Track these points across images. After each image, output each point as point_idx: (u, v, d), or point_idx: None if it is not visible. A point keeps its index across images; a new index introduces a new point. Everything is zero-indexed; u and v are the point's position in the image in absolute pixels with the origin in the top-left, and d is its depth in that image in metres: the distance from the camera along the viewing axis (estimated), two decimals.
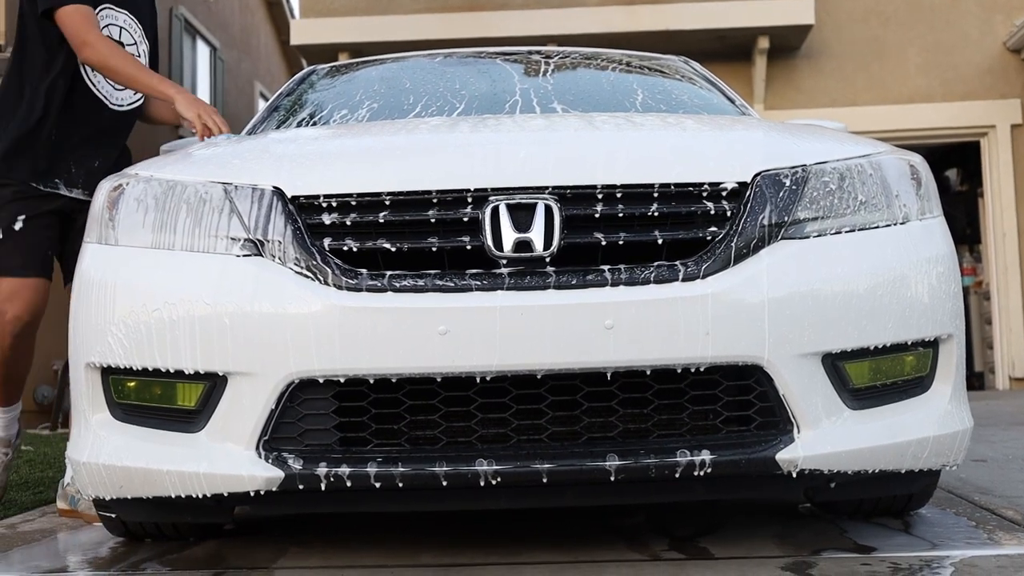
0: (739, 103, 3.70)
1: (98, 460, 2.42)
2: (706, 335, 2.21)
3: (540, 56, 4.04)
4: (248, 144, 2.74)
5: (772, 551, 2.55)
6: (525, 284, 2.23)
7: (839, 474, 2.34)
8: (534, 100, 3.41)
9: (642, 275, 2.24)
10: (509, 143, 2.49)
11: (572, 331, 2.20)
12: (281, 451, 2.26)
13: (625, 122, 2.71)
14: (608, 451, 2.23)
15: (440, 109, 3.39)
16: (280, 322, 2.24)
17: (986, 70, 10.95)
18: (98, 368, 2.42)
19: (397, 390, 2.25)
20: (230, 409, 2.28)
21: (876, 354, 2.37)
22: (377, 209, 2.31)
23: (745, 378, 2.27)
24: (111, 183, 2.58)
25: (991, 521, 2.91)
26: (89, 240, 2.55)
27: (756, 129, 2.68)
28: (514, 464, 2.21)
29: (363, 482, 2.22)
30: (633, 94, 3.57)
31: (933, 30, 11.01)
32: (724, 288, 2.24)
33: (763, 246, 2.31)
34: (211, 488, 2.31)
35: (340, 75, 4.03)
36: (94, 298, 2.43)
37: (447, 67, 3.94)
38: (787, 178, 2.39)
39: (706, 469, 2.22)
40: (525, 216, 2.27)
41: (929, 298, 2.42)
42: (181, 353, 2.30)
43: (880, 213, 2.47)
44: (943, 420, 2.45)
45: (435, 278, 2.24)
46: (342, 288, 2.24)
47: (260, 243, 2.33)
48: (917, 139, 10.81)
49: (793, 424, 2.28)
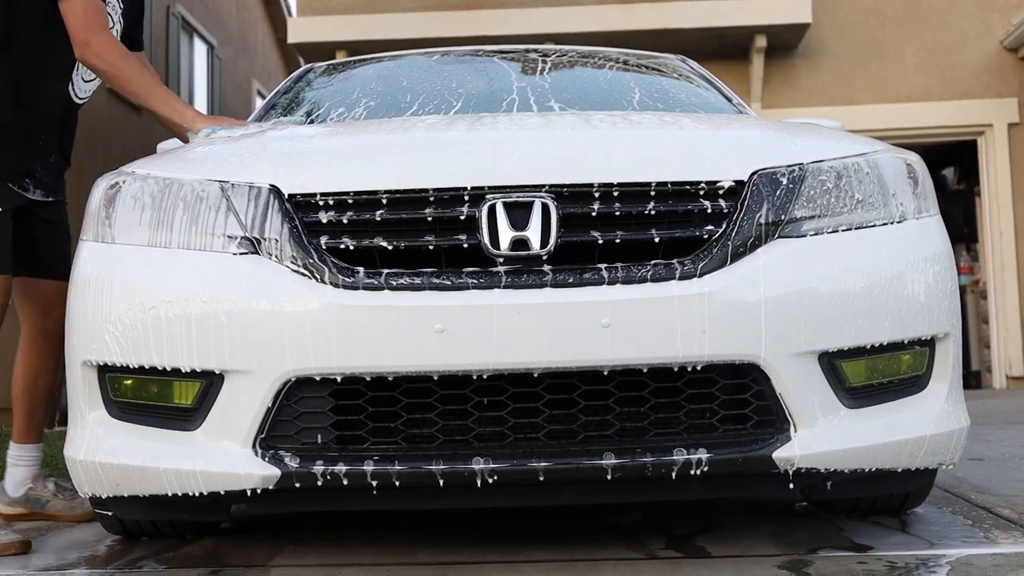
0: (736, 102, 3.70)
1: (95, 458, 2.42)
2: (703, 334, 2.21)
3: (537, 54, 4.04)
4: (245, 142, 2.74)
5: (769, 549, 2.56)
6: (522, 282, 2.23)
7: (836, 473, 2.34)
8: (531, 98, 3.41)
9: (639, 273, 2.24)
10: (506, 141, 2.49)
11: (569, 329, 2.20)
12: (278, 449, 2.26)
13: (622, 121, 2.71)
14: (605, 449, 2.23)
15: (437, 107, 3.39)
16: (277, 320, 2.24)
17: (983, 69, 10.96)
18: (95, 366, 2.42)
19: (394, 388, 2.25)
20: (227, 407, 2.28)
21: (873, 353, 2.37)
22: (374, 207, 2.31)
23: (742, 377, 2.28)
24: (108, 181, 2.58)
25: (987, 520, 2.91)
26: (85, 238, 2.55)
27: (753, 128, 2.68)
28: (511, 462, 2.22)
29: (360, 480, 2.22)
30: (630, 93, 3.57)
31: (931, 29, 11.02)
32: (721, 287, 2.24)
33: (760, 245, 2.31)
34: (208, 486, 2.31)
35: (337, 73, 4.02)
36: (90, 296, 2.42)
37: (444, 65, 3.94)
38: (784, 177, 2.39)
39: (703, 468, 2.22)
40: (522, 214, 2.27)
41: (926, 297, 2.42)
42: (178, 351, 2.30)
43: (877, 212, 2.47)
44: (939, 419, 2.45)
45: (432, 276, 2.24)
46: (339, 286, 2.24)
47: (257, 241, 2.33)
48: (914, 138, 10.81)
49: (790, 423, 2.28)
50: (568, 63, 3.99)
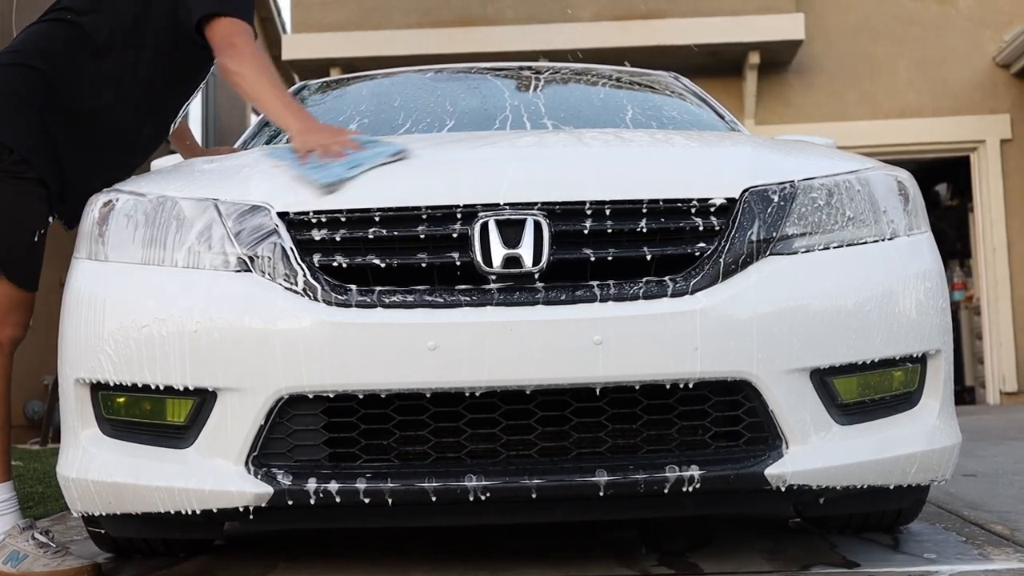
0: (729, 119, 3.72)
1: (87, 476, 2.41)
2: (695, 351, 2.22)
3: (531, 72, 4.05)
4: (238, 160, 2.74)
5: (762, 566, 2.56)
6: (514, 300, 2.24)
7: (828, 489, 2.34)
8: (524, 116, 3.42)
9: (631, 291, 2.25)
10: (499, 159, 2.50)
11: (561, 347, 2.20)
12: (270, 467, 2.26)
13: (614, 138, 2.72)
14: (597, 466, 2.23)
15: (430, 125, 3.40)
16: (269, 338, 2.24)
17: (976, 85, 11.00)
18: (87, 384, 2.42)
19: (386, 405, 2.25)
20: (219, 425, 2.28)
21: (864, 369, 2.38)
22: (367, 225, 2.31)
23: (734, 393, 2.28)
24: (101, 199, 2.58)
25: (980, 536, 2.92)
26: (79, 256, 2.55)
27: (744, 145, 2.69)
28: (503, 480, 2.22)
29: (352, 498, 2.22)
30: (623, 110, 3.58)
31: (923, 46, 11.06)
32: (713, 304, 2.25)
33: (752, 262, 2.32)
34: (200, 504, 2.31)
35: (331, 90, 4.04)
36: (83, 314, 2.42)
37: (438, 83, 3.95)
38: (775, 194, 2.40)
39: (695, 484, 2.23)
40: (514, 232, 2.28)
41: (917, 313, 2.43)
42: (170, 369, 2.30)
43: (868, 229, 2.48)
44: (931, 435, 2.46)
45: (424, 294, 2.25)
46: (331, 304, 2.25)
47: (250, 259, 2.33)
48: (907, 154, 10.84)
49: (782, 439, 2.28)
50: (561, 80, 4.00)
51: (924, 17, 11.11)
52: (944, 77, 11.01)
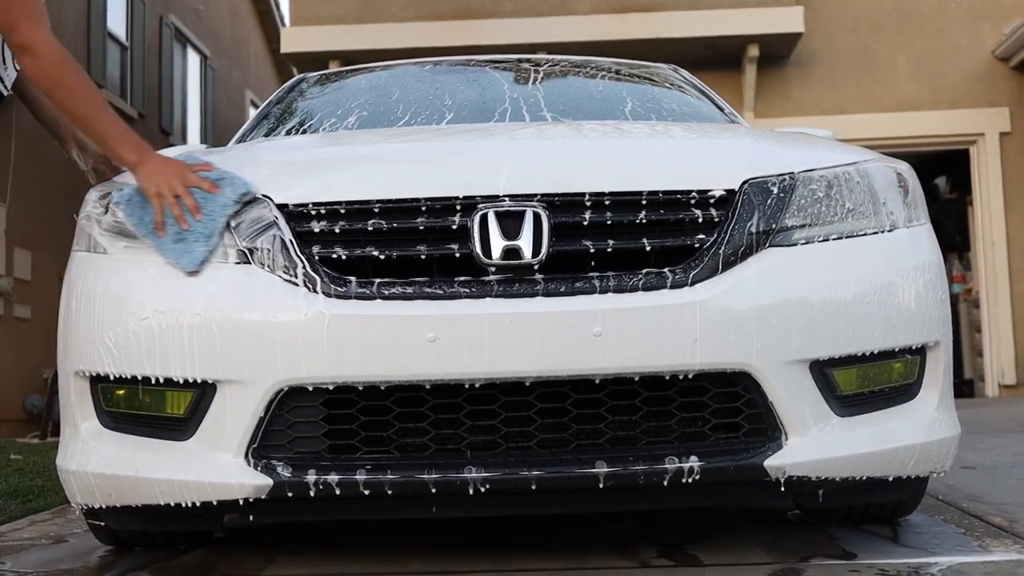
0: (728, 111, 3.71)
1: (87, 469, 2.41)
2: (694, 342, 2.22)
3: (530, 64, 4.04)
4: (237, 152, 2.74)
5: (761, 558, 2.56)
6: (514, 291, 2.24)
7: (827, 481, 2.34)
8: (523, 108, 3.42)
9: (630, 282, 2.25)
10: (498, 151, 2.50)
11: (561, 338, 2.20)
12: (270, 459, 2.26)
13: (614, 130, 2.71)
14: (597, 458, 2.23)
15: (430, 117, 3.40)
16: (269, 330, 2.24)
17: (975, 78, 11.00)
18: (87, 377, 2.42)
19: (386, 397, 2.25)
20: (219, 417, 2.28)
21: (864, 361, 2.38)
22: (366, 217, 2.31)
23: (733, 385, 2.28)
24: (99, 192, 2.58)
25: (979, 528, 2.92)
26: (77, 248, 2.55)
27: (744, 137, 2.69)
28: (503, 471, 2.22)
29: (352, 490, 2.22)
30: (622, 102, 3.58)
31: (922, 39, 11.06)
32: (712, 295, 2.25)
33: (751, 253, 2.32)
34: (200, 496, 2.31)
35: (330, 83, 4.03)
36: (82, 307, 2.42)
37: (437, 75, 3.95)
38: (775, 186, 2.40)
39: (694, 476, 2.23)
40: (514, 224, 2.28)
41: (916, 305, 2.43)
42: (170, 361, 2.30)
43: (867, 221, 2.48)
44: (930, 427, 2.46)
45: (424, 285, 2.25)
46: (331, 296, 2.25)
47: (249, 251, 2.33)
48: (906, 147, 10.85)
49: (781, 431, 2.29)
50: (560, 72, 4.00)
51: (923, 11, 11.11)
52: (943, 70, 11.01)
